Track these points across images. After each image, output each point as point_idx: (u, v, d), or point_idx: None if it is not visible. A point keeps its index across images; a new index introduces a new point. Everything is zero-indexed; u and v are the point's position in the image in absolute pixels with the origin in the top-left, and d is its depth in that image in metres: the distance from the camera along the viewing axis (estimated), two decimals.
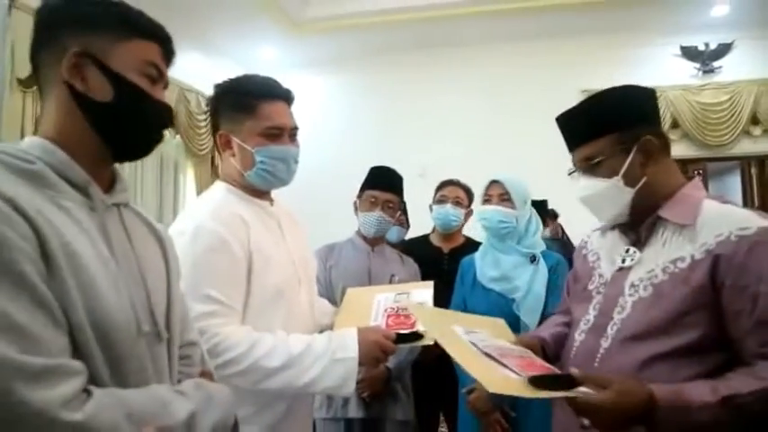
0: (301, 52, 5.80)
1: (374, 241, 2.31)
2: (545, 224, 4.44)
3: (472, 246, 2.46)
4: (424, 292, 1.65)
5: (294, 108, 1.50)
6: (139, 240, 0.90)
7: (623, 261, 1.20)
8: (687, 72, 5.41)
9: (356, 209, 2.33)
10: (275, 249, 1.43)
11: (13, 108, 3.37)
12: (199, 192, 5.04)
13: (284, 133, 1.43)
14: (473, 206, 2.49)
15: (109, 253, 0.80)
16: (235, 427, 0.93)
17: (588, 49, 5.41)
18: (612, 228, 1.29)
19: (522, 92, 5.53)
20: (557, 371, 1.12)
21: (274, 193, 1.55)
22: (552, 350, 1.37)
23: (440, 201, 2.50)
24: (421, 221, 3.65)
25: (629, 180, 1.16)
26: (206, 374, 0.99)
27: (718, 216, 1.07)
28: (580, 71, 5.28)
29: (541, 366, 1.14)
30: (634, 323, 1.12)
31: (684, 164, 5.46)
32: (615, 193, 1.18)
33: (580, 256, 1.38)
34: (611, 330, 1.16)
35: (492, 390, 1.01)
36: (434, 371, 2.31)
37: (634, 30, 5.29)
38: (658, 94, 4.66)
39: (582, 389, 0.99)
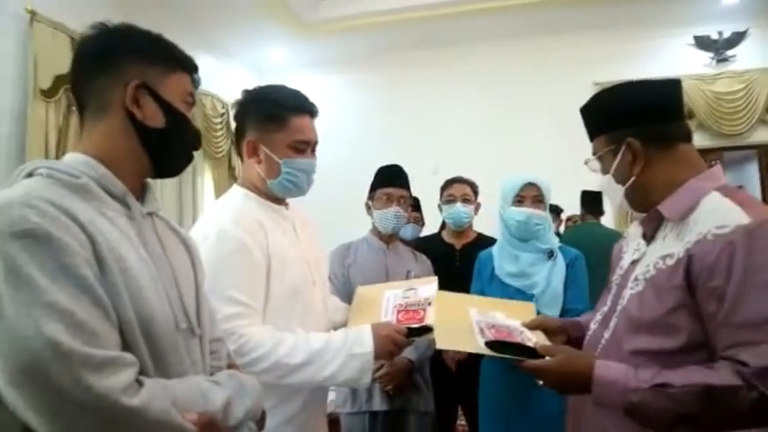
0: (310, 53, 5.86)
1: (389, 239, 2.36)
2: (601, 215, 4.37)
3: (484, 241, 2.51)
4: (429, 287, 1.70)
5: None
6: (170, 246, 0.98)
7: (634, 254, 1.22)
8: (701, 62, 5.37)
9: (368, 209, 2.39)
10: (291, 252, 1.50)
11: (37, 118, 3.47)
12: (217, 193, 5.13)
13: (309, 147, 1.51)
14: (500, 204, 2.53)
15: (147, 257, 0.88)
16: (263, 415, 1.00)
17: (600, 43, 5.39)
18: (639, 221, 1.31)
19: (534, 88, 5.54)
20: (529, 344, 1.21)
21: None
22: (580, 334, 1.39)
23: (448, 200, 2.55)
24: (435, 218, 3.69)
25: (619, 178, 1.20)
26: (233, 367, 1.06)
27: (708, 212, 1.05)
28: (593, 65, 5.27)
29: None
30: (626, 317, 1.14)
31: (702, 154, 5.38)
32: (609, 190, 1.24)
33: (618, 245, 1.39)
34: (612, 323, 1.19)
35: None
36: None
37: (646, 21, 5.26)
38: None
39: (547, 359, 1.13)
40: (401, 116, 5.89)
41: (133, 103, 0.92)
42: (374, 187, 2.36)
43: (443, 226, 2.82)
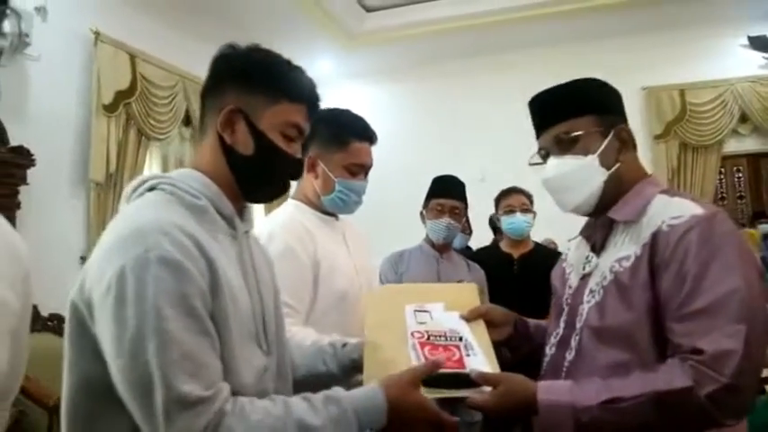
0: (356, 64, 5.92)
1: (442, 248, 2.39)
2: None
3: (542, 251, 2.52)
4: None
5: None
6: (259, 264, 1.03)
7: (584, 268, 1.19)
8: (756, 63, 5.16)
9: (423, 218, 2.42)
10: (340, 258, 1.56)
11: (99, 131, 3.65)
12: None
13: (363, 170, 1.60)
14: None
15: (242, 278, 0.93)
16: None
17: (648, 47, 5.26)
18: (583, 235, 1.28)
19: None
20: (464, 370, 1.08)
21: None
22: (527, 331, 1.38)
23: (508, 211, 2.56)
24: (483, 226, 3.68)
25: (605, 162, 1.14)
26: None
27: (659, 209, 1.07)
28: (641, 70, 5.14)
29: (455, 361, 1.11)
30: (590, 331, 1.10)
31: (756, 159, 5.24)
32: (589, 173, 1.14)
33: (559, 268, 1.35)
34: (573, 342, 1.14)
35: None
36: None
37: (696, 22, 5.11)
38: (725, 88, 4.53)
39: (485, 388, 1.04)
40: (448, 124, 5.88)
41: (226, 128, 0.95)
42: (428, 197, 2.41)
43: (496, 235, 2.83)
